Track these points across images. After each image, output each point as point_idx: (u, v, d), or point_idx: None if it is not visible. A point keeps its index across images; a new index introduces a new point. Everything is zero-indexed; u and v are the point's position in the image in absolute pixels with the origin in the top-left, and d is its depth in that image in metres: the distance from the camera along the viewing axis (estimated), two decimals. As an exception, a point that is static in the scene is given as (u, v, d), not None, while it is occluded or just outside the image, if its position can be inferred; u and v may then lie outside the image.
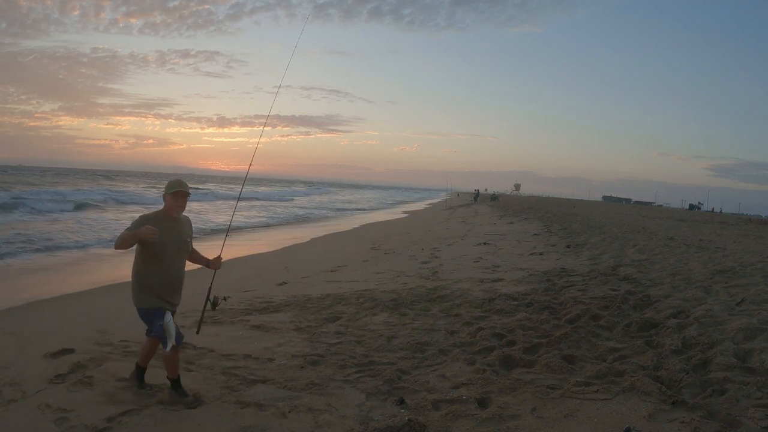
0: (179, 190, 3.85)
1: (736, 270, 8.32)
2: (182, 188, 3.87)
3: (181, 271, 3.98)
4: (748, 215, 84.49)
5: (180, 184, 3.91)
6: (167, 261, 3.84)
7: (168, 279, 3.86)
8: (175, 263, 3.91)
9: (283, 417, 3.50)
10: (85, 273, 9.63)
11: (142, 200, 33.71)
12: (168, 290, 3.88)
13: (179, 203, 3.87)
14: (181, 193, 3.86)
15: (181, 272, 3.98)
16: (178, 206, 3.88)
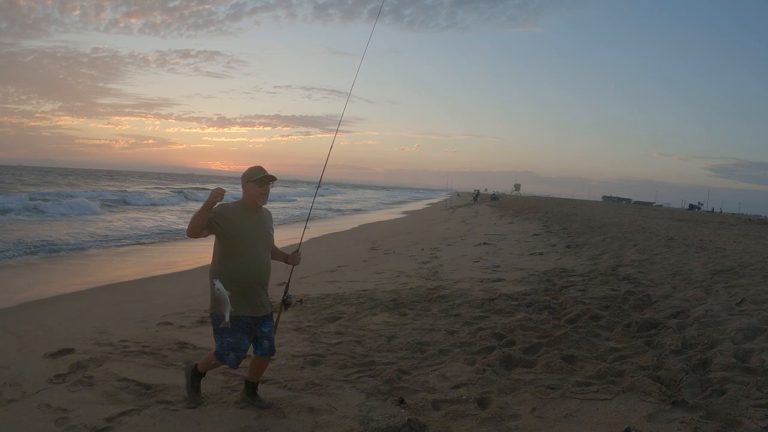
0: (265, 176, 3.48)
1: (736, 270, 8.32)
2: (266, 173, 3.50)
3: (265, 265, 3.58)
4: (748, 215, 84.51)
5: (262, 169, 3.52)
6: (249, 255, 3.45)
7: (250, 275, 3.45)
8: (258, 257, 3.51)
9: (283, 417, 3.50)
10: (85, 273, 9.63)
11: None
12: (251, 288, 3.47)
13: (265, 190, 3.52)
14: (267, 178, 3.50)
15: (265, 267, 3.58)
16: (264, 193, 3.52)
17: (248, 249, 3.45)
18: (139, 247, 13.72)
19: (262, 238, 3.57)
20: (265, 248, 3.59)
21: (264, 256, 3.57)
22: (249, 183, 3.50)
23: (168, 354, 4.67)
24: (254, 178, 3.48)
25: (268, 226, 3.66)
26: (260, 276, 3.53)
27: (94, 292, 7.92)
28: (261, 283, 3.54)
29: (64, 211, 21.85)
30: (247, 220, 3.49)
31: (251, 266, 3.47)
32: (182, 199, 38.44)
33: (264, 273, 3.56)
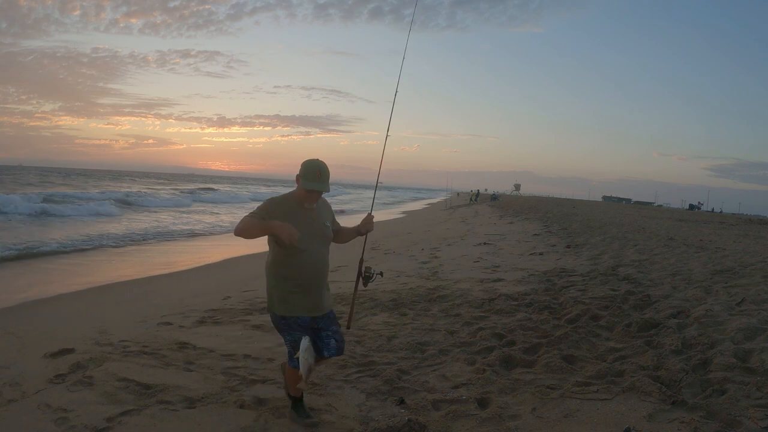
0: (315, 191, 3.24)
1: (736, 270, 8.32)
2: (317, 187, 3.22)
3: (322, 262, 3.35)
4: (748, 215, 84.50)
5: (317, 177, 3.21)
6: (305, 252, 3.23)
7: (307, 274, 3.26)
8: (315, 254, 3.29)
9: (283, 417, 3.50)
10: (85, 272, 9.63)
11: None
12: (308, 288, 3.28)
13: (312, 198, 3.28)
14: (316, 193, 3.27)
15: (322, 264, 3.36)
16: (311, 200, 3.29)
17: (303, 248, 3.21)
18: (139, 247, 13.72)
19: (318, 233, 3.33)
20: (321, 244, 3.36)
21: (320, 252, 3.33)
22: (301, 181, 3.26)
23: (168, 354, 4.67)
24: (304, 185, 3.22)
25: (324, 219, 3.41)
26: (316, 274, 3.31)
27: (94, 292, 7.92)
28: (317, 282, 3.32)
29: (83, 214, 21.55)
30: (300, 215, 3.25)
31: (305, 265, 3.25)
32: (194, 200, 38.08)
33: (320, 271, 3.33)
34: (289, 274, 3.24)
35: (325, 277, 3.41)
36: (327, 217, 3.45)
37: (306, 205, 3.29)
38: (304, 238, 3.20)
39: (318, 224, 3.34)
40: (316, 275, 3.31)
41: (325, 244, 3.40)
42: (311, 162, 3.24)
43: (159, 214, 25.40)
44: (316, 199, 3.32)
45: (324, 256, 3.38)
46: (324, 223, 3.39)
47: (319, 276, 3.34)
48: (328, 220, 3.44)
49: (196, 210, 30.30)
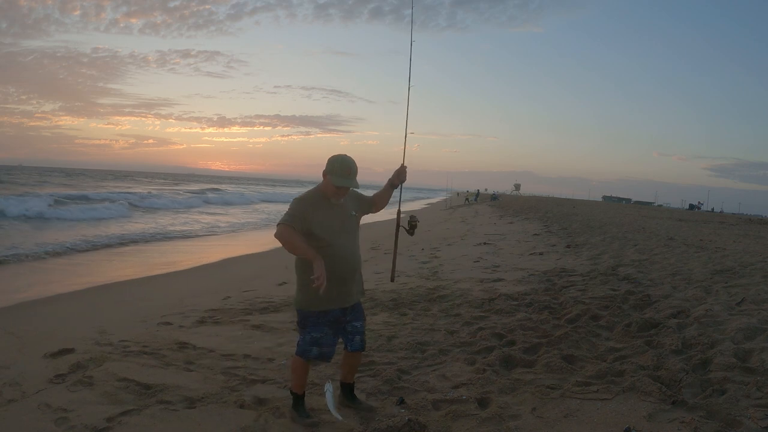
0: (343, 188, 3.26)
1: (736, 270, 8.32)
2: (346, 183, 3.23)
3: (353, 254, 3.36)
4: (749, 215, 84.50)
5: (347, 174, 3.21)
6: (335, 247, 3.24)
7: (339, 268, 3.25)
8: (345, 248, 3.30)
9: (283, 417, 3.49)
10: (84, 272, 9.63)
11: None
12: (341, 282, 3.28)
13: (341, 194, 3.30)
14: (343, 190, 3.29)
15: (354, 256, 3.36)
16: (339, 196, 3.30)
17: (330, 241, 3.22)
18: (140, 247, 13.72)
19: (347, 225, 3.35)
20: (350, 235, 3.36)
21: (349, 244, 3.34)
22: (329, 177, 3.24)
23: (168, 354, 4.67)
24: (335, 182, 3.22)
25: (350, 209, 3.41)
26: (347, 268, 3.31)
27: (94, 292, 7.92)
28: (349, 274, 3.32)
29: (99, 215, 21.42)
30: (327, 210, 3.28)
31: (336, 259, 3.22)
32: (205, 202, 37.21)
33: (351, 262, 3.33)
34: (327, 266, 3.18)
35: (356, 270, 3.40)
36: (353, 206, 3.44)
37: (334, 201, 3.29)
38: (334, 233, 3.24)
39: (346, 217, 3.36)
40: (347, 269, 3.30)
41: (354, 234, 3.41)
42: (341, 158, 3.23)
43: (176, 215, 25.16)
44: (345, 195, 3.32)
45: (354, 249, 3.38)
46: (350, 213, 3.40)
47: (351, 269, 3.34)
48: (354, 208, 3.44)
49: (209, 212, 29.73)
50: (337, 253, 3.25)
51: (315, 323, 3.27)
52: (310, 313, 3.28)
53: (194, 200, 36.91)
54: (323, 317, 3.28)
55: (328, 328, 3.31)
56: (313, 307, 3.26)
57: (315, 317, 3.27)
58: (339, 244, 3.27)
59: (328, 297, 3.21)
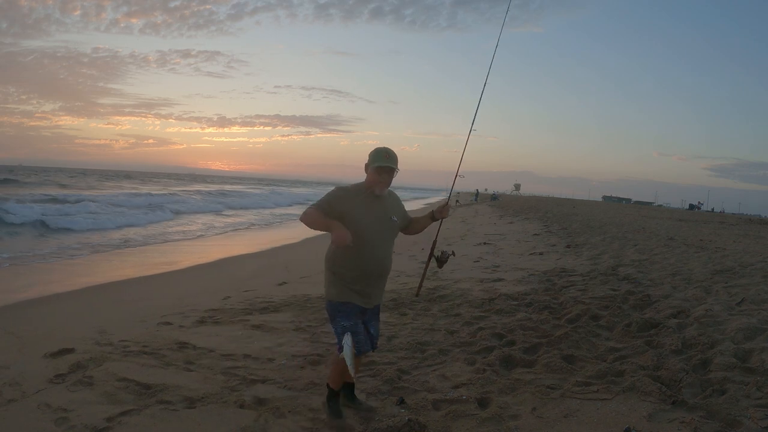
0: (383, 165, 3.20)
1: (736, 270, 8.32)
2: (387, 162, 3.21)
3: (385, 257, 3.33)
4: (749, 215, 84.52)
5: (386, 156, 3.21)
6: (368, 245, 3.21)
7: (368, 267, 3.25)
8: (378, 248, 3.27)
9: (283, 417, 3.50)
10: (84, 271, 9.63)
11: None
12: (366, 281, 3.28)
13: (383, 179, 3.23)
14: (385, 169, 3.21)
15: (385, 259, 3.34)
16: (382, 183, 3.24)
17: (366, 240, 3.20)
18: (139, 247, 13.72)
19: (384, 227, 3.31)
20: (386, 238, 3.33)
21: (383, 247, 3.31)
22: (369, 168, 3.24)
23: (168, 354, 4.67)
24: (373, 164, 3.20)
25: (392, 212, 3.37)
26: (378, 268, 3.30)
27: (94, 292, 7.92)
28: (375, 275, 3.29)
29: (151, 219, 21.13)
30: (368, 207, 3.25)
31: (368, 258, 3.23)
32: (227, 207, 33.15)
33: (382, 265, 3.31)
34: (351, 265, 3.23)
35: (383, 275, 3.37)
36: (395, 212, 3.41)
37: (377, 191, 3.24)
38: (370, 229, 3.22)
39: (385, 218, 3.31)
40: (374, 269, 3.28)
41: (390, 238, 3.37)
42: (379, 147, 3.29)
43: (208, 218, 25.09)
44: (387, 184, 3.26)
45: (388, 250, 3.36)
46: (391, 217, 3.34)
47: (378, 272, 3.31)
48: (396, 214, 3.39)
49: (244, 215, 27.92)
50: (368, 251, 3.23)
51: (343, 312, 3.27)
52: (337, 305, 3.28)
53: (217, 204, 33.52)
54: (349, 307, 3.27)
55: (356, 318, 3.30)
56: (338, 298, 3.27)
57: (342, 307, 3.27)
58: (372, 242, 3.23)
59: (352, 289, 3.25)
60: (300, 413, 3.56)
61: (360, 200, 3.25)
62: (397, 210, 3.43)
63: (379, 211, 3.29)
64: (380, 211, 3.29)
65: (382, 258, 3.30)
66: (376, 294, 3.38)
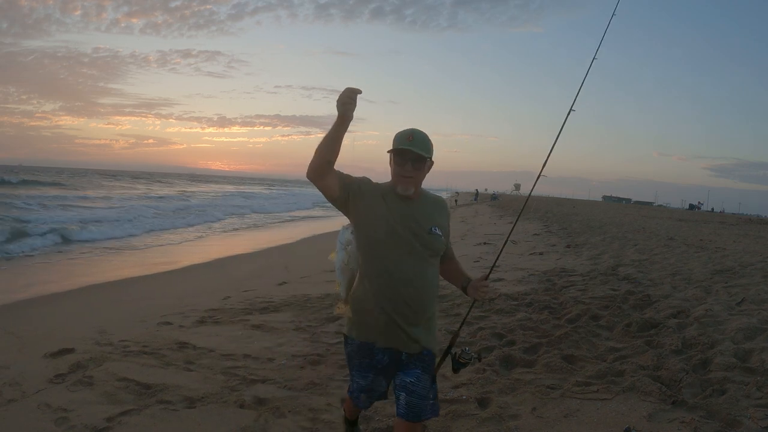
0: (405, 149, 2.32)
1: (736, 270, 8.32)
2: (410, 146, 2.31)
3: (416, 277, 2.37)
4: (749, 215, 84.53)
5: (409, 138, 2.32)
6: (387, 262, 2.34)
7: (384, 292, 2.35)
8: (402, 264, 2.34)
9: (283, 417, 3.50)
10: (84, 272, 9.63)
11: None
12: (384, 311, 2.36)
13: (407, 171, 2.35)
14: (408, 156, 2.33)
15: (416, 280, 2.37)
16: (405, 177, 2.36)
17: (384, 252, 2.35)
18: (140, 247, 13.72)
19: (415, 236, 2.36)
20: (415, 252, 2.37)
21: (410, 263, 2.36)
22: (390, 154, 2.39)
23: (168, 354, 4.67)
24: (395, 146, 2.35)
25: (429, 220, 2.42)
26: (398, 291, 2.34)
27: (94, 292, 7.91)
28: (401, 304, 2.34)
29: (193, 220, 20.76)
30: (391, 207, 2.37)
31: (384, 280, 2.35)
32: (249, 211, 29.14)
33: (409, 294, 2.34)
34: (366, 286, 2.40)
35: (419, 305, 2.38)
36: (435, 220, 2.45)
37: (400, 189, 2.36)
38: (391, 236, 2.34)
39: (414, 224, 2.38)
40: (398, 295, 2.34)
41: (422, 255, 2.38)
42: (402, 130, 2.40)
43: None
44: (414, 178, 2.36)
45: (418, 273, 2.37)
46: (426, 227, 2.40)
47: (404, 299, 2.34)
48: (435, 224, 2.43)
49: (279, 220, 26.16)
50: (386, 272, 2.34)
51: (359, 363, 2.48)
52: (351, 343, 2.50)
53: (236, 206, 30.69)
54: (366, 354, 2.43)
55: (376, 374, 2.45)
56: (353, 333, 2.48)
57: (356, 352, 2.47)
58: (390, 253, 2.35)
59: (369, 322, 2.40)
60: (300, 413, 3.56)
61: (384, 196, 2.40)
62: (439, 220, 2.48)
63: (408, 217, 2.37)
64: (409, 216, 2.38)
65: (407, 281, 2.34)
66: (412, 333, 2.38)
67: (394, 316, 2.36)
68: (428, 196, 2.55)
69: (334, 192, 2.35)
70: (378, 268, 2.37)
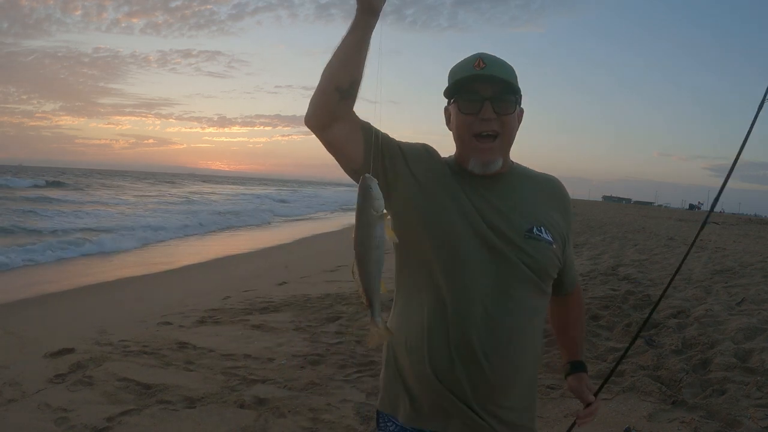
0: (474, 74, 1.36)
1: (736, 270, 8.32)
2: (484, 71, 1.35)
3: (499, 314, 1.35)
4: (748, 215, 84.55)
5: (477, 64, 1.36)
6: (456, 281, 1.37)
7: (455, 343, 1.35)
8: (480, 292, 1.36)
9: (283, 417, 3.50)
10: (84, 272, 9.63)
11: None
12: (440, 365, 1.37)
13: (483, 126, 1.35)
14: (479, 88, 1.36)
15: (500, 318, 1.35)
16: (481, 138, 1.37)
17: (442, 268, 1.39)
18: (138, 247, 13.72)
19: (502, 245, 1.37)
20: (501, 277, 1.37)
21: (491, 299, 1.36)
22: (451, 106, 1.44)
23: (168, 354, 4.67)
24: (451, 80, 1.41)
25: (527, 220, 1.40)
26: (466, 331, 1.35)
27: (94, 292, 7.92)
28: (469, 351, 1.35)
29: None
30: (456, 196, 1.40)
31: (441, 318, 1.38)
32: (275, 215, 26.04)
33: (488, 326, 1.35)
34: (412, 324, 1.44)
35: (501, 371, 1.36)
36: (540, 215, 1.42)
37: (474, 163, 1.39)
38: (462, 244, 1.37)
39: (500, 220, 1.38)
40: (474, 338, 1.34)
41: (513, 276, 1.37)
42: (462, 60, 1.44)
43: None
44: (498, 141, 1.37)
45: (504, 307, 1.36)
46: (523, 225, 1.39)
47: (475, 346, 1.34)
48: (540, 222, 1.41)
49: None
50: (445, 300, 1.38)
51: None
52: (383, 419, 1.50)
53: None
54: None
55: None
56: (380, 404, 1.52)
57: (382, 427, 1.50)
58: (457, 278, 1.37)
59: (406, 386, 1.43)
60: (300, 413, 3.56)
61: (448, 179, 1.42)
62: (546, 217, 1.43)
63: (489, 209, 1.39)
64: (491, 207, 1.39)
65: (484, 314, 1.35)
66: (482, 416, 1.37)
67: (453, 388, 1.36)
68: (527, 174, 1.51)
69: (355, 155, 1.37)
70: (430, 298, 1.41)
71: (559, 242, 1.44)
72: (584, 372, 1.66)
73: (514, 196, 1.43)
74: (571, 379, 1.65)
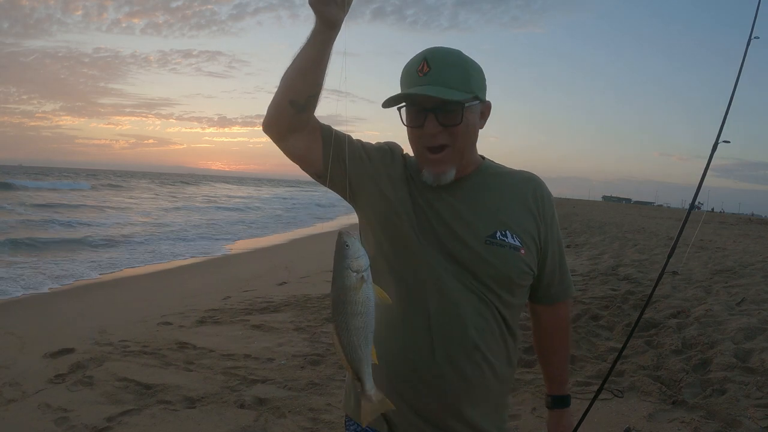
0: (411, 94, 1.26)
1: (736, 270, 8.32)
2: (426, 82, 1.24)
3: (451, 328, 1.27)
4: (748, 215, 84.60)
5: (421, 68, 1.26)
6: (411, 294, 1.30)
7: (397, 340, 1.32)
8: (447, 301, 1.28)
9: (283, 417, 3.50)
10: (84, 272, 9.63)
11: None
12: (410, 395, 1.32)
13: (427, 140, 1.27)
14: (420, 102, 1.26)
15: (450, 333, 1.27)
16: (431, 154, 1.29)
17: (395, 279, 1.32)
18: (138, 247, 13.72)
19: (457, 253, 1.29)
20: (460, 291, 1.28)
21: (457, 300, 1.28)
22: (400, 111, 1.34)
23: (168, 354, 4.67)
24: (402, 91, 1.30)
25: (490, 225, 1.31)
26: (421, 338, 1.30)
27: (94, 292, 7.92)
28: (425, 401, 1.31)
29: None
30: (417, 203, 1.33)
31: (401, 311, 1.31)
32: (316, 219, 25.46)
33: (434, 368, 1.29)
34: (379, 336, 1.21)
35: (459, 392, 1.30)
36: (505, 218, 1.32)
37: (427, 175, 1.32)
38: (406, 254, 1.31)
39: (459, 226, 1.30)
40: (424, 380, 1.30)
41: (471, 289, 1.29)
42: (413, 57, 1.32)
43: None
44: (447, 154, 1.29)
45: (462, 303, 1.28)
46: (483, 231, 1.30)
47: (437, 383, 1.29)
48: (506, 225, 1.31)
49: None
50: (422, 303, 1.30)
51: None
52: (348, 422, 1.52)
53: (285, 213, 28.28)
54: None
55: None
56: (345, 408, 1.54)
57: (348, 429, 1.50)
58: (412, 291, 1.30)
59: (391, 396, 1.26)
60: (300, 413, 3.56)
61: (409, 184, 1.36)
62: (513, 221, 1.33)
63: (448, 214, 1.32)
64: (450, 212, 1.32)
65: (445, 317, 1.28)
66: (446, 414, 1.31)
67: (413, 416, 1.33)
68: (499, 173, 1.40)
69: (314, 161, 1.32)
70: (409, 305, 1.31)
71: (531, 247, 1.33)
72: (566, 408, 1.55)
73: (478, 200, 1.34)
74: (551, 416, 1.58)
